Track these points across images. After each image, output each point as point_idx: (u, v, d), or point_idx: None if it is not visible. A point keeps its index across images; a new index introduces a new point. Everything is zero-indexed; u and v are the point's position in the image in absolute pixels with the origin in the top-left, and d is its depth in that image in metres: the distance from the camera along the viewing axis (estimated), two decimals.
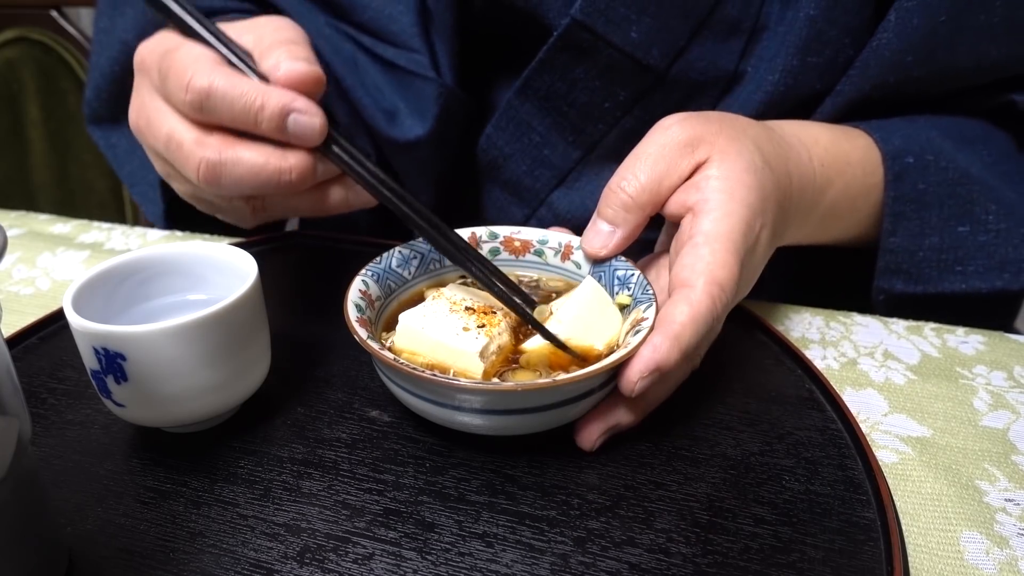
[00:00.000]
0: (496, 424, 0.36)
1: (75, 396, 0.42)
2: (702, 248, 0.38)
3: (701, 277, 0.37)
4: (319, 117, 0.39)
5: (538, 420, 0.36)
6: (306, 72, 0.38)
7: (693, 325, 0.36)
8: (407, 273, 0.44)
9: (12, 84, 1.13)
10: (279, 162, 0.39)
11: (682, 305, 0.36)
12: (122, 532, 0.34)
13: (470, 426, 0.37)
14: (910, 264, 0.52)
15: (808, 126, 0.50)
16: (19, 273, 0.56)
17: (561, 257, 0.45)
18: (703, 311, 0.36)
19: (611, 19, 0.52)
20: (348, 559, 0.32)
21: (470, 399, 0.35)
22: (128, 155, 0.64)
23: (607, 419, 0.38)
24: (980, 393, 0.43)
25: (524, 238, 0.46)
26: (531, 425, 0.37)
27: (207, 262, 0.41)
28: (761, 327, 0.48)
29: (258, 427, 0.40)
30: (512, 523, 0.34)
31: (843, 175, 0.49)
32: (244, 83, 0.38)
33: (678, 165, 0.41)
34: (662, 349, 0.35)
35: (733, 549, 0.33)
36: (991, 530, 0.35)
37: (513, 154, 0.59)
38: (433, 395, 0.36)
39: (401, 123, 0.58)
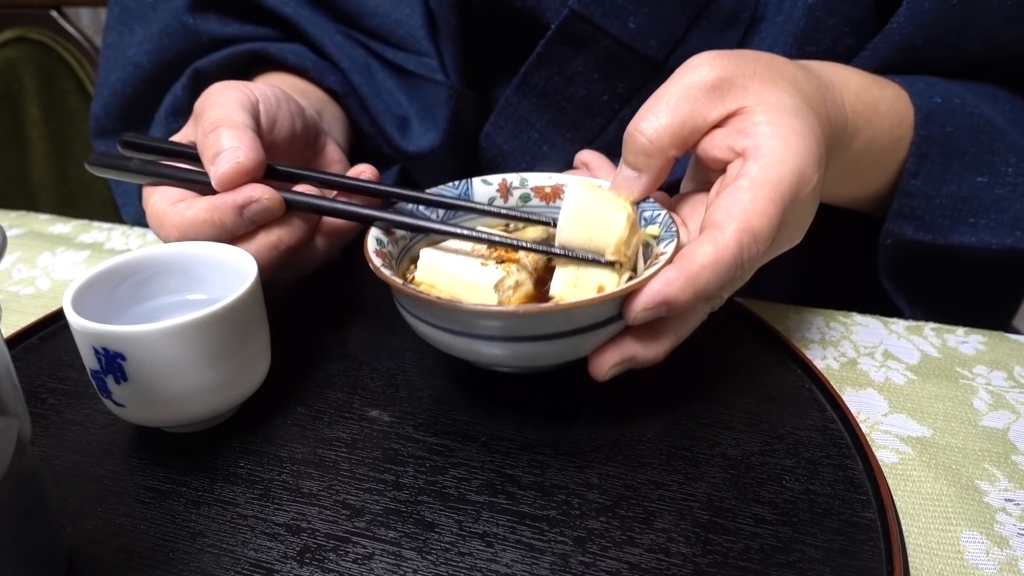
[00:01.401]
0: (507, 354, 0.36)
1: (75, 396, 0.42)
2: (744, 192, 0.36)
3: (735, 222, 0.35)
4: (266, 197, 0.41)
5: (550, 350, 0.36)
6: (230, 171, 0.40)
7: (713, 268, 0.35)
8: (435, 215, 0.44)
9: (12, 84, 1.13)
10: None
11: (707, 246, 0.35)
12: (122, 532, 0.34)
13: (481, 355, 0.37)
14: (925, 210, 0.50)
15: (839, 68, 0.48)
16: (19, 273, 0.56)
17: None
18: (727, 257, 0.35)
19: (609, 10, 0.52)
20: (348, 559, 0.32)
21: (475, 322, 0.35)
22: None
23: (622, 349, 0.37)
24: (980, 393, 0.43)
25: (554, 183, 0.45)
26: (543, 355, 0.36)
27: (207, 262, 0.41)
28: (761, 327, 0.48)
29: (258, 427, 0.40)
30: (512, 523, 0.34)
31: (872, 125, 0.47)
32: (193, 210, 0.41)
33: (704, 108, 0.38)
34: (674, 285, 0.34)
35: (733, 549, 0.33)
36: (991, 530, 0.35)
37: (512, 152, 0.59)
38: (441, 321, 0.36)
39: (413, 132, 0.59)
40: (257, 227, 0.42)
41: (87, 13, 1.53)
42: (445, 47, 0.58)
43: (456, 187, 0.45)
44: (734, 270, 0.35)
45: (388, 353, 0.45)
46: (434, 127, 0.58)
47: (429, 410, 0.41)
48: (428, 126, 0.58)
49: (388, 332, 0.47)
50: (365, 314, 0.49)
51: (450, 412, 0.41)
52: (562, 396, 0.42)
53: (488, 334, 0.36)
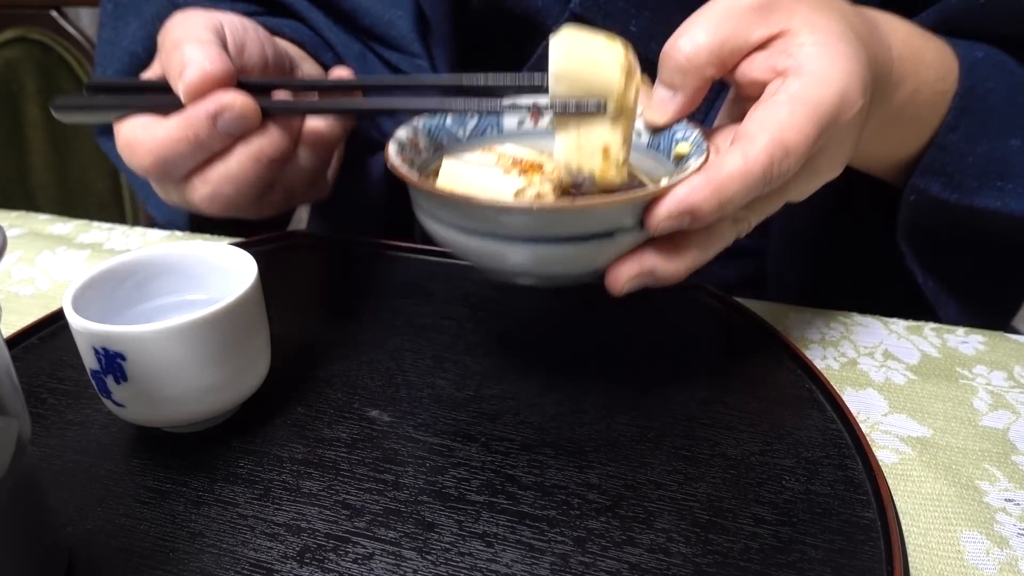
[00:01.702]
0: (522, 256, 0.35)
1: (75, 396, 0.42)
2: (782, 107, 0.34)
3: (767, 134, 0.33)
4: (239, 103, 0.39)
5: (567, 254, 0.35)
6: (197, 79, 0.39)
7: (741, 180, 0.33)
8: (461, 133, 0.44)
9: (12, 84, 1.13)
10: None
11: (736, 156, 0.33)
12: (122, 532, 0.34)
13: (496, 258, 0.36)
14: (956, 167, 0.48)
15: (886, 14, 0.45)
16: (19, 273, 0.56)
17: None
18: (756, 169, 0.33)
19: (609, 13, 0.52)
20: (348, 559, 0.32)
21: (489, 218, 0.34)
22: None
23: (641, 260, 0.35)
24: (980, 393, 0.43)
25: None
26: (560, 259, 0.35)
27: (207, 262, 0.41)
28: (761, 327, 0.48)
29: (258, 427, 0.40)
30: (512, 523, 0.34)
31: (916, 75, 0.45)
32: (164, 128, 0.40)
33: (746, 29, 0.36)
34: (699, 193, 0.33)
35: (733, 549, 0.33)
36: (991, 530, 0.35)
37: None
38: (457, 218, 0.35)
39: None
40: (234, 140, 0.40)
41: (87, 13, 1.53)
42: (437, 51, 0.58)
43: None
44: (762, 184, 0.34)
45: (388, 353, 0.45)
46: None
47: (429, 410, 0.41)
48: None
49: (388, 332, 0.47)
50: (365, 314, 0.49)
51: (450, 412, 0.41)
52: (562, 396, 0.42)
53: (502, 232, 0.34)
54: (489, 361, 0.45)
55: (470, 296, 0.51)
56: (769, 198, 0.37)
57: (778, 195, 0.37)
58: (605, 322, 0.49)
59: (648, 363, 0.45)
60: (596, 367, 0.44)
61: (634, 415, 0.40)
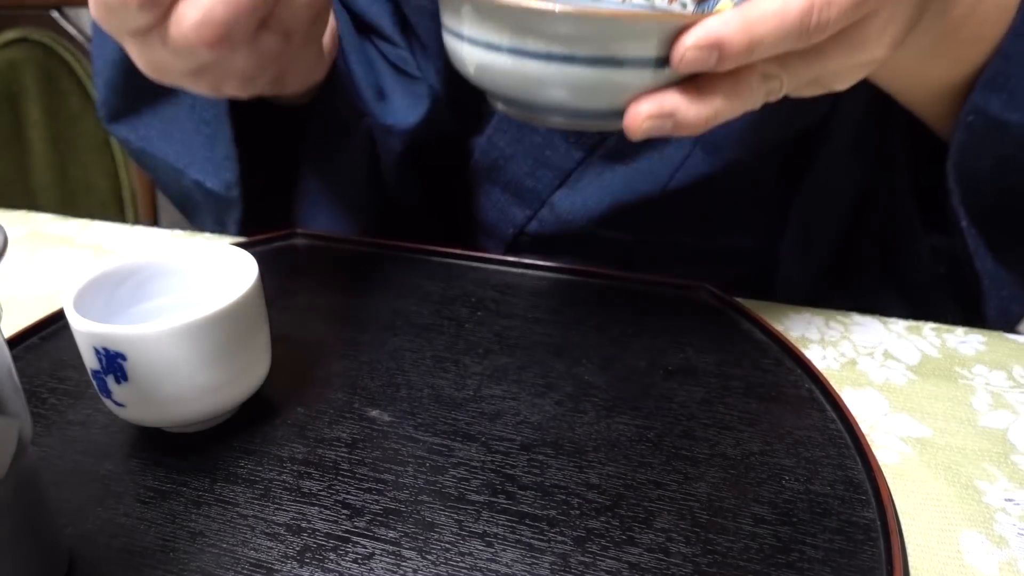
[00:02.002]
0: (542, 79, 0.33)
1: (75, 396, 0.42)
2: None
3: None
4: None
5: (590, 79, 0.33)
6: None
7: (776, 20, 0.31)
8: None
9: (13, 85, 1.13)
10: None
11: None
12: (122, 532, 0.34)
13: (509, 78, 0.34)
14: (1020, 80, 0.44)
15: None
16: (20, 273, 0.57)
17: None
18: (793, 12, 0.31)
19: None
20: (348, 559, 0.32)
21: (503, 22, 0.33)
22: (166, 138, 0.60)
23: (663, 98, 0.33)
24: (980, 393, 0.43)
25: None
26: (584, 86, 0.33)
27: (207, 262, 0.41)
28: (760, 327, 0.48)
29: (258, 427, 0.40)
30: (512, 523, 0.34)
31: None
32: None
33: None
34: (731, 25, 0.31)
35: (733, 549, 0.33)
36: (991, 530, 0.35)
37: (514, 155, 0.59)
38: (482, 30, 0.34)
39: (392, 106, 0.58)
40: None
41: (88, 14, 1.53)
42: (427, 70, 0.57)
43: None
44: (799, 31, 0.31)
45: (388, 353, 0.45)
46: (414, 111, 0.57)
47: (429, 410, 0.41)
48: (409, 107, 0.57)
49: (388, 332, 0.47)
50: (365, 314, 0.49)
51: (450, 412, 0.41)
52: (562, 396, 0.42)
53: (520, 46, 0.33)
54: (489, 361, 0.45)
55: (470, 296, 0.52)
56: (806, 58, 0.34)
57: (817, 58, 0.34)
58: (605, 322, 0.49)
59: (648, 363, 0.45)
60: (596, 367, 0.44)
61: (634, 415, 0.40)
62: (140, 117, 0.61)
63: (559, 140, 0.57)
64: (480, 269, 0.55)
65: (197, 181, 0.59)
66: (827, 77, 0.37)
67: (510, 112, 0.38)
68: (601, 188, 0.58)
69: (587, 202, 0.58)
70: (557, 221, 0.59)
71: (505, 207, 0.61)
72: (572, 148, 0.57)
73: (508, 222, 0.61)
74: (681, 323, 0.49)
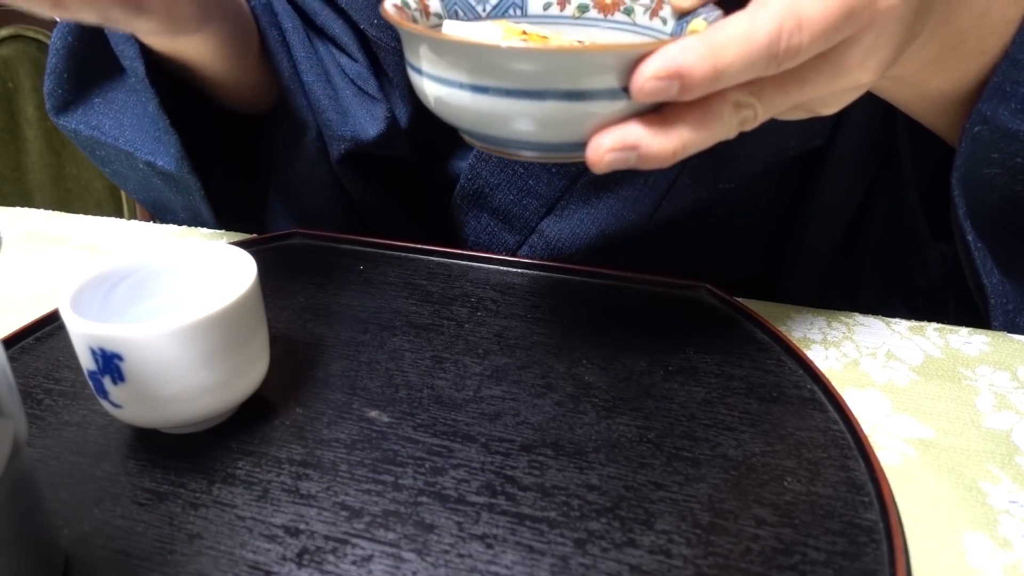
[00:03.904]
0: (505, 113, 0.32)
1: (72, 397, 0.42)
2: None
3: (782, 1, 0.29)
4: None
5: (550, 113, 0.32)
6: None
7: (742, 44, 0.29)
8: (481, 8, 0.41)
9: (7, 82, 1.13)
10: None
11: (741, 19, 0.29)
12: (119, 534, 0.33)
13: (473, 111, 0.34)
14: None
15: None
16: (16, 273, 0.56)
17: (651, 14, 0.40)
18: (760, 37, 0.29)
19: None
20: (347, 561, 0.32)
21: (463, 58, 0.32)
22: (118, 124, 0.59)
23: (625, 130, 0.31)
24: (983, 394, 0.43)
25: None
26: (544, 120, 0.32)
27: (206, 262, 0.41)
28: (762, 327, 0.48)
29: (256, 428, 0.39)
30: (512, 524, 0.34)
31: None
32: None
33: None
34: (693, 52, 0.28)
35: (735, 551, 0.33)
36: (995, 532, 0.35)
37: (499, 184, 0.58)
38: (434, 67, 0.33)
39: (349, 118, 0.57)
40: None
41: None
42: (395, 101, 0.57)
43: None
44: (767, 57, 0.29)
45: (387, 353, 0.45)
46: (373, 126, 0.57)
47: (428, 411, 0.41)
48: (368, 120, 0.57)
49: (387, 332, 0.47)
50: (364, 314, 0.49)
51: (450, 413, 0.40)
52: (562, 396, 0.42)
53: (476, 83, 0.32)
54: (489, 361, 0.45)
55: (470, 296, 0.51)
56: (781, 84, 0.32)
57: (792, 84, 0.32)
58: (605, 322, 0.48)
59: (648, 363, 0.45)
60: (596, 367, 0.44)
61: (634, 416, 0.40)
62: (92, 106, 0.60)
63: (541, 169, 0.56)
64: (480, 269, 0.55)
65: (149, 162, 0.58)
66: (810, 102, 0.35)
67: (477, 145, 0.38)
68: (588, 216, 0.57)
69: (575, 230, 0.57)
70: (547, 247, 0.58)
71: (496, 231, 0.61)
72: (555, 177, 0.56)
73: (500, 245, 0.60)
74: (682, 323, 0.49)
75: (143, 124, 0.58)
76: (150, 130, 0.58)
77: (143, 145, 0.58)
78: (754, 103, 0.32)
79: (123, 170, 0.63)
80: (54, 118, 0.61)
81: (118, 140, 0.59)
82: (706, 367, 0.44)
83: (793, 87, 0.32)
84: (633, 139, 0.31)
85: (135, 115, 0.59)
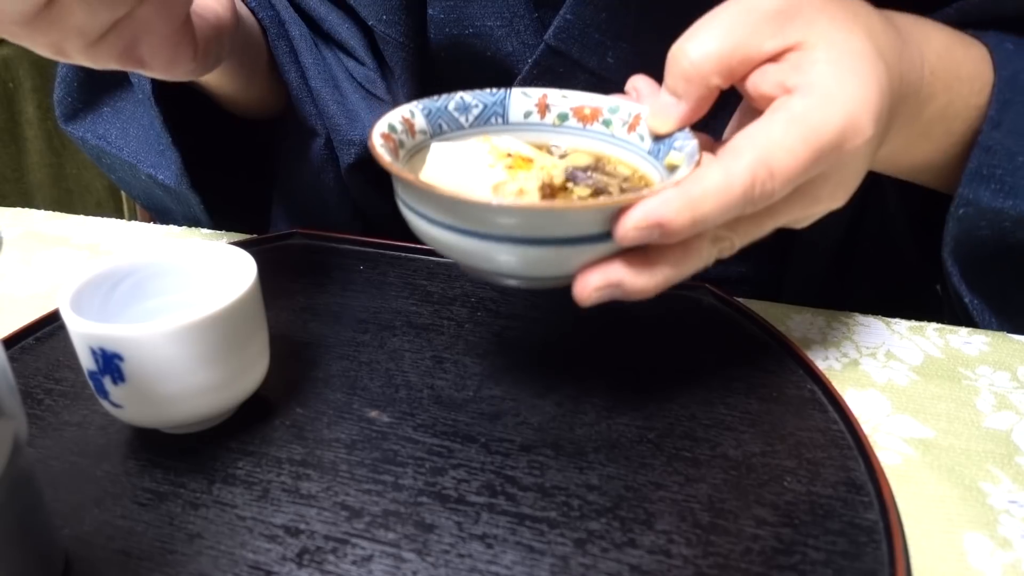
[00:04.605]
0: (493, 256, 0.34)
1: (72, 397, 0.42)
2: (776, 125, 0.32)
3: (754, 151, 0.31)
4: None
5: (538, 256, 0.34)
6: None
7: (718, 196, 0.31)
8: (464, 120, 0.43)
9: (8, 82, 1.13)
10: None
11: (716, 171, 0.31)
12: (119, 534, 0.33)
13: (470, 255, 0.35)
14: (1006, 169, 0.44)
15: (921, 22, 0.42)
16: (16, 273, 0.56)
17: (628, 128, 0.42)
18: (735, 188, 0.31)
19: (586, 44, 0.51)
20: (347, 560, 0.32)
21: (452, 211, 0.33)
22: (124, 135, 0.60)
23: (608, 271, 0.33)
24: (983, 394, 0.43)
25: (595, 105, 0.43)
26: (532, 262, 0.34)
27: (206, 262, 0.41)
28: (762, 327, 0.48)
29: (256, 428, 0.39)
30: (512, 524, 0.34)
31: (949, 90, 0.42)
32: None
33: (760, 37, 0.34)
34: (671, 205, 0.31)
35: (735, 551, 0.33)
36: (995, 532, 0.35)
37: None
38: (425, 208, 0.35)
39: (357, 123, 0.58)
40: None
41: None
42: (398, 95, 0.57)
43: (493, 94, 0.43)
44: (742, 204, 0.32)
45: (387, 353, 0.45)
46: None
47: (428, 411, 0.41)
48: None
49: (387, 332, 0.47)
50: (364, 314, 0.49)
51: (450, 413, 0.40)
52: (562, 396, 0.42)
53: (467, 228, 0.33)
54: (489, 361, 0.45)
55: (470, 296, 0.51)
56: (756, 220, 0.35)
57: (767, 218, 0.35)
58: (605, 322, 0.48)
59: (649, 363, 0.45)
60: (596, 367, 0.44)
61: (634, 416, 0.40)
62: (100, 115, 0.61)
63: None
64: None
65: (150, 175, 0.59)
66: (784, 225, 0.37)
67: (462, 268, 0.38)
68: None
69: None
70: None
71: None
72: None
73: None
74: (682, 323, 0.49)
75: (148, 137, 0.59)
76: (154, 144, 0.59)
77: (146, 158, 0.59)
78: (731, 236, 0.35)
79: (127, 178, 0.65)
80: (63, 125, 0.62)
81: (122, 151, 0.60)
82: (706, 367, 0.44)
83: (767, 220, 0.35)
84: (617, 278, 0.33)
85: (140, 127, 0.59)
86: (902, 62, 0.38)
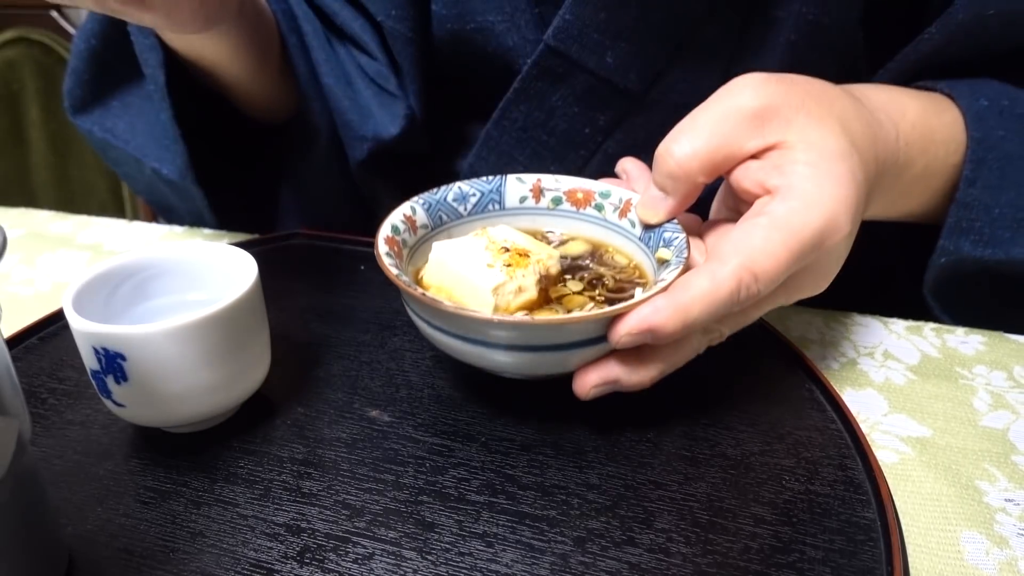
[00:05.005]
0: (491, 358, 0.37)
1: (75, 396, 0.42)
2: (758, 230, 0.35)
3: (738, 257, 0.34)
4: None
5: (534, 360, 0.37)
6: None
7: (705, 302, 0.34)
8: (463, 209, 0.45)
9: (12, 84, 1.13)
10: None
11: (703, 278, 0.34)
12: (122, 532, 0.34)
13: (469, 357, 0.38)
14: (984, 221, 0.46)
15: (896, 95, 0.46)
16: (19, 273, 0.56)
17: (619, 214, 0.44)
18: (722, 293, 0.34)
19: (585, 44, 0.51)
20: (348, 559, 0.32)
21: (456, 323, 0.36)
22: (131, 129, 0.61)
23: (605, 371, 0.36)
24: (980, 393, 0.43)
25: (587, 189, 0.45)
26: (528, 365, 0.37)
27: (207, 262, 0.41)
28: (761, 327, 0.48)
29: (258, 427, 0.40)
30: (512, 523, 0.34)
31: (926, 154, 0.45)
32: None
33: (741, 137, 0.37)
34: (662, 313, 0.33)
35: (733, 549, 0.33)
36: (991, 530, 0.35)
37: None
38: (432, 318, 0.37)
39: (371, 119, 0.58)
40: None
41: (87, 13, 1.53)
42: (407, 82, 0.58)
43: (489, 182, 0.46)
44: (729, 306, 0.34)
45: (388, 353, 0.45)
46: (393, 125, 0.57)
47: (429, 410, 0.41)
48: (389, 119, 0.58)
49: (388, 332, 0.47)
50: (365, 314, 0.49)
51: (450, 412, 0.41)
52: (562, 397, 0.42)
53: (470, 336, 0.36)
54: None
55: None
56: (743, 313, 0.37)
57: (753, 310, 0.38)
58: None
59: None
60: None
61: (634, 415, 0.40)
62: (108, 109, 0.61)
63: (540, 169, 0.57)
64: None
65: (155, 169, 0.59)
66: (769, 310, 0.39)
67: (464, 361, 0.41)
68: None
69: None
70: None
71: None
72: None
73: None
74: None
75: (154, 131, 0.59)
76: (160, 138, 0.59)
77: (151, 152, 0.59)
78: (720, 328, 0.38)
79: (132, 173, 0.65)
80: (71, 117, 0.62)
81: (128, 145, 0.60)
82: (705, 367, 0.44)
83: (754, 311, 0.38)
84: (614, 376, 0.36)
85: (147, 122, 0.59)
86: (876, 144, 0.41)
